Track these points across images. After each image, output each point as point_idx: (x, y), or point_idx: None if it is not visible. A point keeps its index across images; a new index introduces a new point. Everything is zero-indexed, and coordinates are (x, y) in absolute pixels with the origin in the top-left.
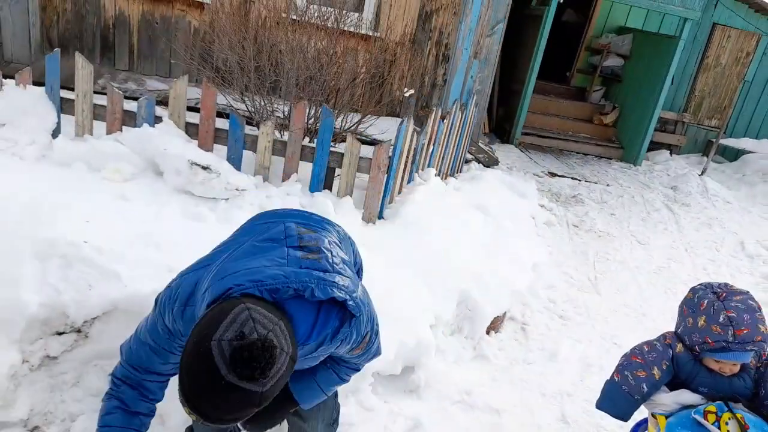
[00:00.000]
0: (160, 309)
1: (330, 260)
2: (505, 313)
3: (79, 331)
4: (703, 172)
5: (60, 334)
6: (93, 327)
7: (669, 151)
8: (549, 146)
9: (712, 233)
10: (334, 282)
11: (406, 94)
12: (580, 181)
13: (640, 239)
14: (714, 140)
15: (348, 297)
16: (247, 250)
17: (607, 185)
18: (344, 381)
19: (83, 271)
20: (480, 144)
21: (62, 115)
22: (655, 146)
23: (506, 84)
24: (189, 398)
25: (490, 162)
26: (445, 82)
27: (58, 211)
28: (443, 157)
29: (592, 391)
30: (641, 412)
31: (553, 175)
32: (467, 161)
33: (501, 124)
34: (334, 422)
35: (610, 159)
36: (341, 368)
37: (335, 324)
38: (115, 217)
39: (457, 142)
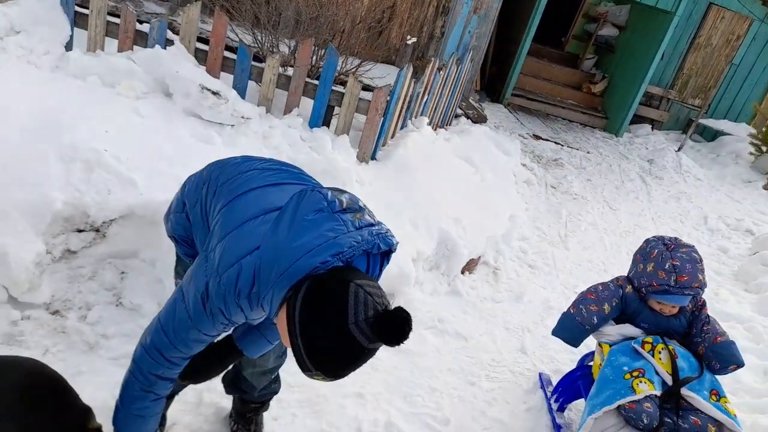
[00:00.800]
0: (214, 303)
1: (369, 213)
2: (479, 257)
3: (97, 230)
4: (679, 149)
5: (80, 231)
6: (110, 228)
7: (651, 126)
8: (537, 109)
9: (678, 206)
10: (387, 232)
11: (409, 42)
12: (562, 146)
13: (611, 205)
14: (694, 119)
15: (395, 241)
16: (299, 224)
17: (588, 152)
18: (273, 343)
19: (103, 177)
20: (471, 101)
21: (75, 29)
22: (638, 120)
23: (502, 43)
24: (334, 374)
25: (479, 119)
26: (442, 35)
27: (78, 120)
28: (436, 108)
29: (550, 329)
30: (588, 347)
31: (537, 137)
32: (457, 116)
33: (492, 82)
34: (283, 354)
35: (594, 128)
36: (270, 335)
37: (379, 263)
38: (130, 130)
39: (450, 94)
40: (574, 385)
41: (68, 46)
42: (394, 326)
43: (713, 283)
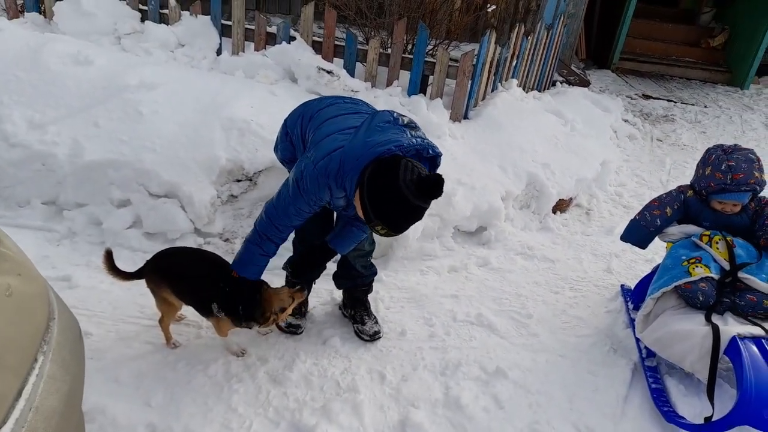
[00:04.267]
0: (309, 185)
1: (422, 130)
2: (571, 199)
3: (250, 179)
4: None
5: (239, 181)
6: (259, 178)
7: None
8: (649, 71)
9: None
10: (435, 144)
11: (489, 9)
12: (675, 103)
13: None
14: None
15: (440, 152)
16: (372, 130)
17: (705, 107)
18: (364, 233)
19: (252, 140)
20: (573, 68)
21: (222, 38)
22: (767, 70)
23: (607, 9)
24: (390, 223)
25: (581, 84)
26: (539, 6)
27: (232, 101)
28: (528, 73)
29: (638, 254)
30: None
31: (647, 97)
32: (556, 82)
33: (599, 50)
34: (374, 242)
35: (716, 83)
36: (359, 224)
37: (427, 167)
38: (269, 106)
39: (543, 59)
40: (647, 286)
41: (218, 51)
42: (431, 184)
43: None
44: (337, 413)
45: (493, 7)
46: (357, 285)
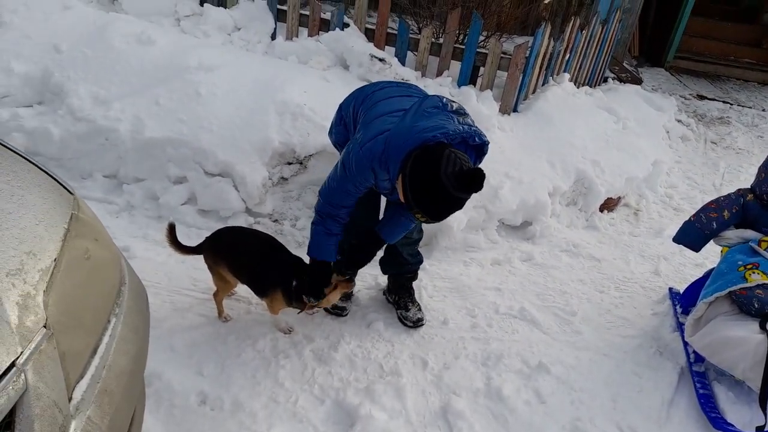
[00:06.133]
0: (355, 167)
1: (471, 119)
2: (620, 198)
3: (301, 163)
4: None
5: (289, 164)
6: (310, 161)
7: None
8: (705, 71)
9: None
10: (483, 133)
11: (545, 2)
12: (732, 104)
13: None
14: None
15: (488, 140)
16: (420, 114)
17: (763, 110)
18: (413, 222)
19: (304, 124)
20: (625, 64)
21: (278, 23)
22: None
23: (664, 5)
24: (428, 212)
25: (633, 81)
26: (593, 1)
27: (286, 85)
28: (581, 67)
29: (688, 258)
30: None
31: (702, 97)
32: (608, 79)
33: (653, 47)
34: (421, 230)
35: None
36: (408, 215)
37: (473, 155)
38: (321, 91)
39: (596, 54)
40: (697, 290)
41: (273, 36)
42: (471, 178)
43: None
44: (380, 395)
45: (548, 0)
46: (403, 272)
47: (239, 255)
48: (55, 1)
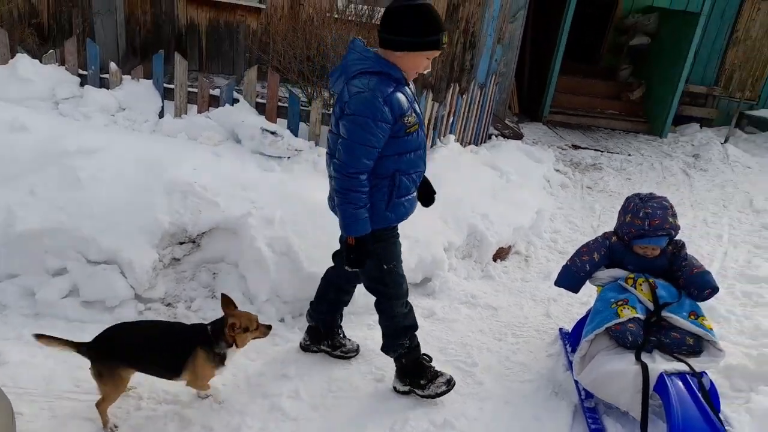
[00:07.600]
0: (373, 114)
1: None
2: (510, 246)
3: (194, 241)
4: (726, 140)
5: (181, 243)
6: (203, 239)
7: (699, 125)
8: (577, 123)
9: (722, 192)
10: None
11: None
12: (602, 152)
13: None
14: (742, 111)
15: None
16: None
17: (629, 155)
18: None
19: (195, 202)
20: (507, 122)
21: (165, 101)
22: (685, 120)
23: (536, 67)
24: (433, 26)
25: (515, 136)
26: (472, 67)
27: (174, 163)
28: (464, 128)
29: (574, 298)
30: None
31: (576, 147)
32: (492, 136)
33: (531, 104)
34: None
35: (637, 133)
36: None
37: None
38: (212, 167)
39: (478, 116)
40: (582, 329)
41: (161, 114)
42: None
43: (748, 254)
44: None
45: (428, 69)
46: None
47: (134, 343)
48: None
